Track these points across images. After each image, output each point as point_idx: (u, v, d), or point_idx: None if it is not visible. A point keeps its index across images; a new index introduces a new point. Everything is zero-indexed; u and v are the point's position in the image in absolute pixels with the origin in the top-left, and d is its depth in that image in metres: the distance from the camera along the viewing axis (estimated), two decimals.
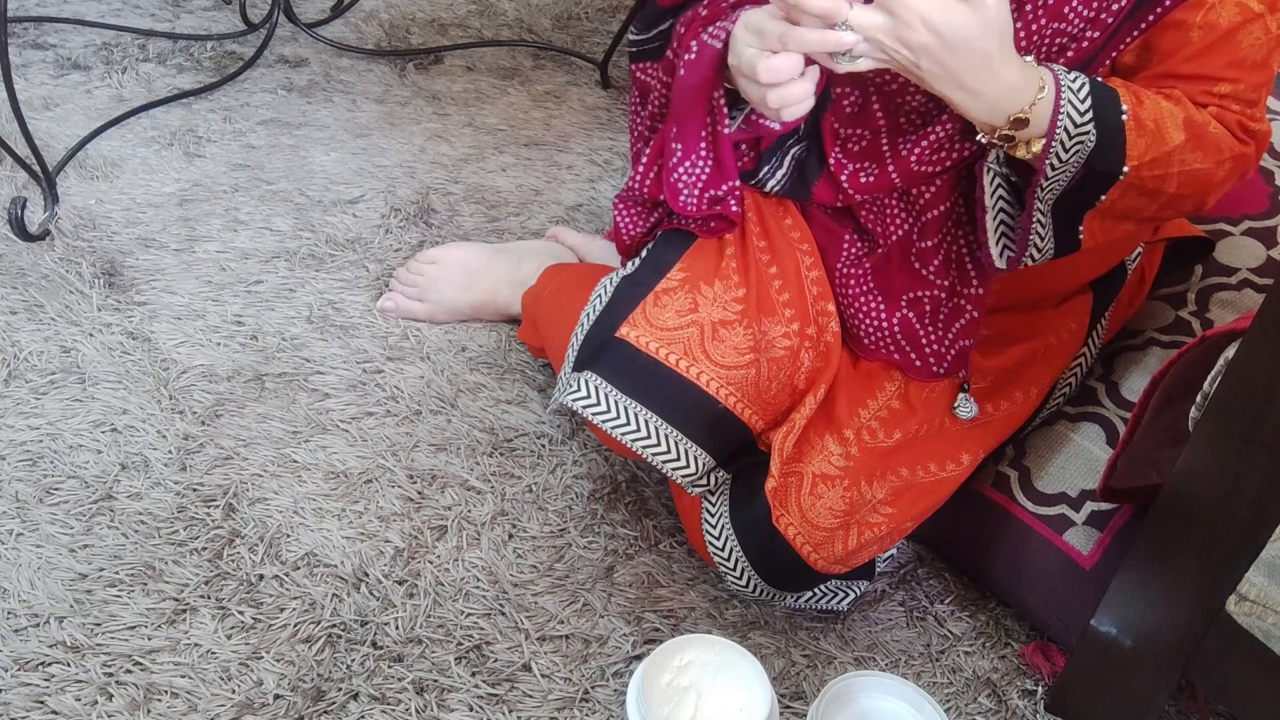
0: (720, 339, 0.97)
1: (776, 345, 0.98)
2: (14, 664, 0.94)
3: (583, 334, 1.01)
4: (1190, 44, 0.87)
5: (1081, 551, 1.01)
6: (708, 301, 0.98)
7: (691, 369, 0.96)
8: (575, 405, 0.96)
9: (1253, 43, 0.86)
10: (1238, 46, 0.86)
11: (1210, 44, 0.86)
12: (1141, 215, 0.90)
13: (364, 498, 1.12)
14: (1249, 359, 0.72)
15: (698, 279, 0.99)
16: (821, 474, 0.97)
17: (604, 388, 0.96)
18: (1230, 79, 0.87)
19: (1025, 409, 1.04)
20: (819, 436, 0.99)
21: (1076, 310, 1.05)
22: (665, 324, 0.98)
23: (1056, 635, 1.04)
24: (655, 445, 0.96)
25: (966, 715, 0.99)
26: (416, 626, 1.01)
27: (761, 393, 0.97)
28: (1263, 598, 0.76)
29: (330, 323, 1.32)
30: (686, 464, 0.97)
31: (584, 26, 1.99)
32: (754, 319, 0.98)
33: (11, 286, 1.32)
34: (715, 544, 0.99)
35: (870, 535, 0.98)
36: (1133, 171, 0.85)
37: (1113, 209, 0.88)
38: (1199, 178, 0.88)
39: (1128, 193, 0.87)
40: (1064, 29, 0.87)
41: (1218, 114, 0.88)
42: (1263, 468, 0.73)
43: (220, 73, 1.75)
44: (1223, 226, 1.14)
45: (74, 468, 1.12)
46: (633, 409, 0.96)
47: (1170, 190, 0.88)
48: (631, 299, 0.99)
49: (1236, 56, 0.86)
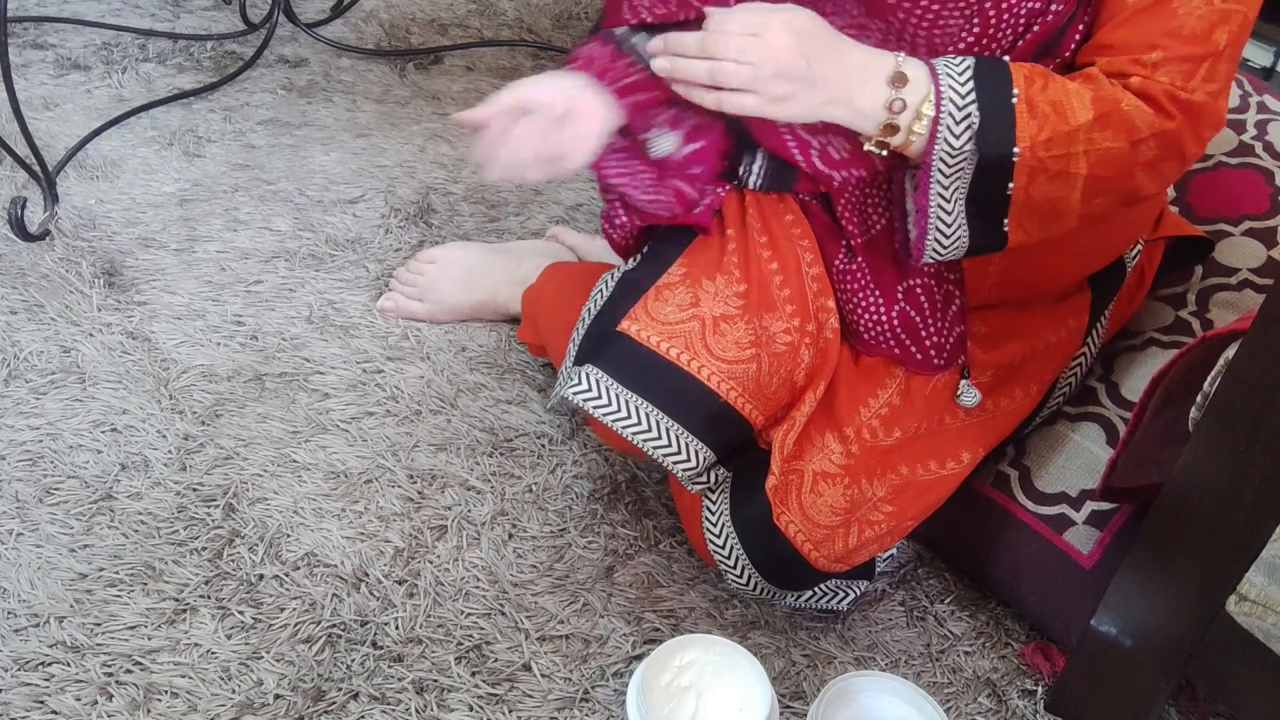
0: (722, 333, 0.97)
1: (777, 340, 0.98)
2: (14, 664, 0.94)
3: (584, 328, 1.01)
4: (1125, 7, 0.86)
5: (1081, 551, 1.01)
6: (709, 296, 0.98)
7: (693, 363, 0.96)
8: (577, 399, 0.96)
9: (1190, 11, 0.85)
10: (1173, 14, 0.85)
11: (1144, 8, 0.86)
12: (1068, 207, 0.88)
13: (364, 498, 1.12)
14: (1249, 359, 0.72)
15: (699, 274, 0.99)
16: (823, 472, 0.97)
17: (605, 381, 0.96)
18: (1162, 46, 0.86)
19: (1025, 406, 1.04)
20: (820, 434, 0.99)
21: (1076, 308, 1.05)
22: (667, 318, 0.98)
23: (1056, 635, 1.04)
24: (656, 439, 0.96)
25: (966, 715, 0.99)
26: (416, 626, 1.01)
27: (762, 388, 0.97)
28: (1263, 598, 0.76)
29: (330, 323, 1.32)
30: (687, 458, 0.97)
31: (584, 26, 1.99)
32: (755, 314, 0.98)
33: (11, 286, 1.32)
34: (716, 542, 0.99)
35: (871, 533, 0.98)
36: (1027, 153, 0.85)
37: (1030, 201, 0.87)
38: (1113, 158, 0.86)
39: (1035, 178, 0.86)
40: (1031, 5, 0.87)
41: (1142, 85, 0.86)
42: (1263, 468, 0.73)
43: (220, 73, 1.75)
44: (1223, 227, 1.14)
45: (74, 468, 1.12)
46: (634, 403, 0.96)
47: (1081, 171, 0.86)
48: (633, 294, 1.00)
49: (1171, 25, 0.85)
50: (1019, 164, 0.85)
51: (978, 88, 0.85)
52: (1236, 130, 1.19)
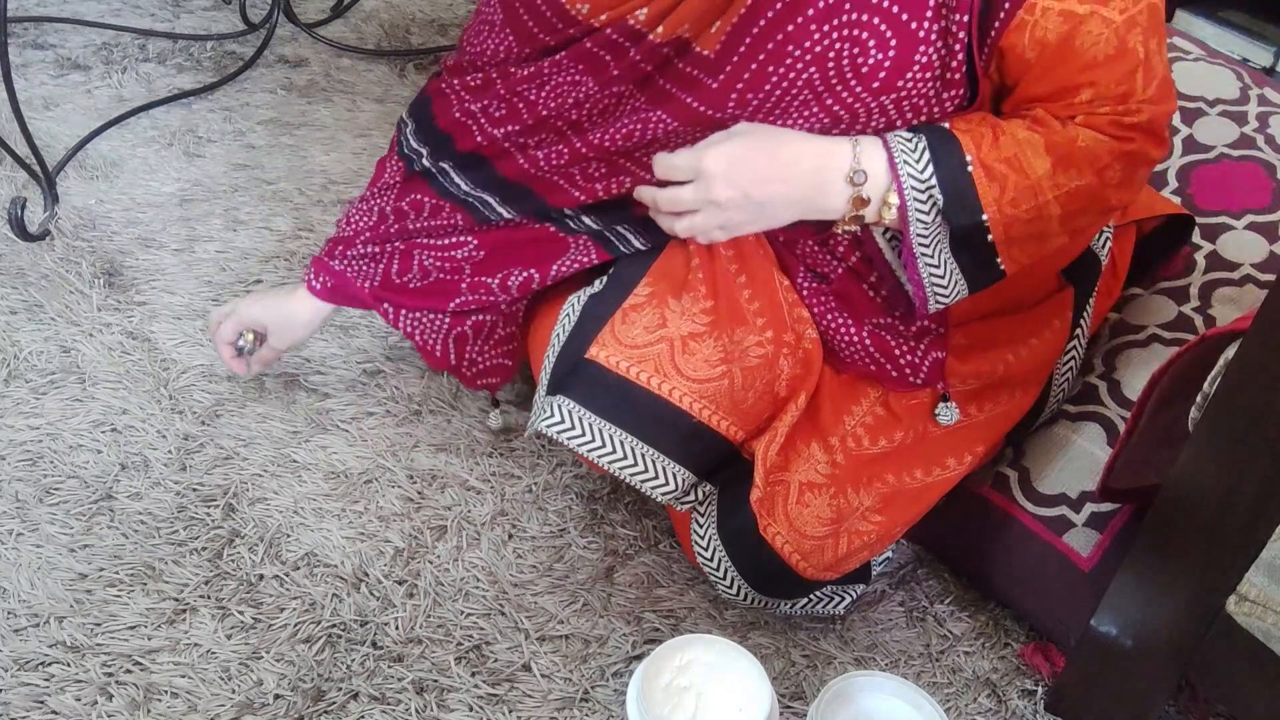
0: (690, 352, 0.96)
1: (750, 354, 0.97)
2: (14, 664, 0.94)
3: (554, 355, 1.00)
4: (1029, 66, 0.85)
5: (1081, 553, 1.01)
6: (676, 315, 0.97)
7: (663, 385, 0.95)
8: (550, 431, 0.96)
9: (1094, 41, 0.83)
10: (1079, 51, 0.83)
11: (1048, 59, 0.84)
12: (1051, 233, 0.88)
13: (364, 498, 1.12)
14: (1249, 359, 0.72)
15: (665, 293, 0.99)
16: (808, 482, 0.97)
17: (577, 411, 0.95)
18: (1087, 84, 0.84)
19: (1021, 407, 1.03)
20: (805, 444, 0.98)
21: (1058, 306, 1.03)
22: (634, 341, 0.97)
23: (1056, 635, 1.03)
24: (632, 465, 0.96)
25: (966, 715, 0.99)
26: (416, 626, 1.01)
27: (738, 403, 0.96)
28: (1263, 598, 0.76)
29: (330, 323, 1.32)
30: (666, 481, 0.96)
31: None
32: (724, 329, 0.97)
33: (11, 286, 1.32)
34: (704, 554, 0.99)
35: (860, 542, 0.98)
36: (995, 213, 0.85)
37: (1013, 239, 0.87)
38: (1084, 193, 0.86)
39: (1011, 226, 0.86)
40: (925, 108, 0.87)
41: (1086, 120, 0.85)
42: (1263, 468, 0.73)
43: (220, 73, 1.75)
44: (1225, 220, 1.14)
45: (74, 468, 1.12)
46: (608, 431, 0.95)
47: (1055, 213, 0.87)
48: (599, 317, 0.99)
49: (1082, 61, 0.84)
50: (991, 222, 0.86)
51: (935, 168, 0.85)
52: (1238, 122, 1.18)
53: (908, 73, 0.84)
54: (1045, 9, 0.82)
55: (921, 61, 0.84)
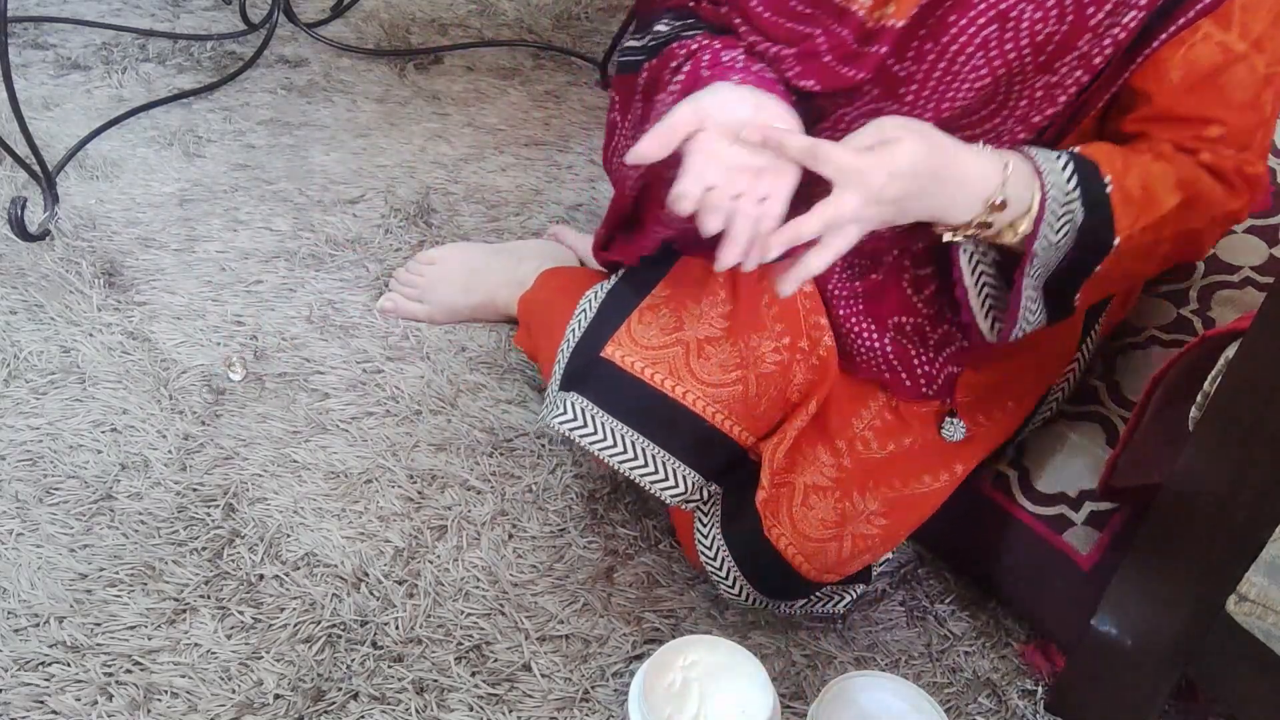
0: (706, 356, 0.96)
1: (766, 360, 0.97)
2: (14, 664, 0.94)
3: (569, 350, 1.00)
4: (1171, 84, 0.84)
5: (1081, 551, 1.01)
6: (693, 318, 0.97)
7: (677, 389, 0.95)
8: (561, 428, 0.96)
9: (1238, 83, 0.83)
10: (1222, 87, 0.83)
11: (1192, 84, 0.84)
12: (1132, 276, 0.90)
13: (364, 498, 1.12)
14: (1249, 359, 0.72)
15: (683, 295, 0.98)
16: (814, 485, 0.97)
17: (590, 409, 0.95)
18: (1219, 120, 0.84)
19: (1018, 416, 1.03)
20: (811, 446, 0.98)
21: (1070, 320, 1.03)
22: (650, 342, 0.97)
23: (1056, 635, 1.03)
24: (643, 466, 0.95)
25: (966, 715, 0.99)
26: (416, 626, 1.01)
27: (751, 409, 0.96)
28: (1263, 598, 0.76)
29: (330, 323, 1.32)
30: (675, 484, 0.96)
31: (584, 26, 1.99)
32: (741, 334, 0.97)
33: (11, 286, 1.32)
34: (708, 554, 0.99)
35: (863, 545, 0.98)
36: (1125, 241, 0.84)
37: (1108, 276, 0.87)
38: (1192, 236, 0.87)
39: (1122, 259, 0.86)
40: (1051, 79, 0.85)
41: (1212, 160, 0.85)
42: (1263, 468, 0.73)
43: (220, 73, 1.75)
44: None
45: (74, 468, 1.12)
46: (619, 431, 0.95)
47: (1163, 252, 0.87)
48: (616, 316, 0.98)
49: (1222, 98, 0.84)
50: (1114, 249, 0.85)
51: (1080, 183, 0.82)
52: None
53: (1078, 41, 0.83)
54: (1207, 34, 0.82)
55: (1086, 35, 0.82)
